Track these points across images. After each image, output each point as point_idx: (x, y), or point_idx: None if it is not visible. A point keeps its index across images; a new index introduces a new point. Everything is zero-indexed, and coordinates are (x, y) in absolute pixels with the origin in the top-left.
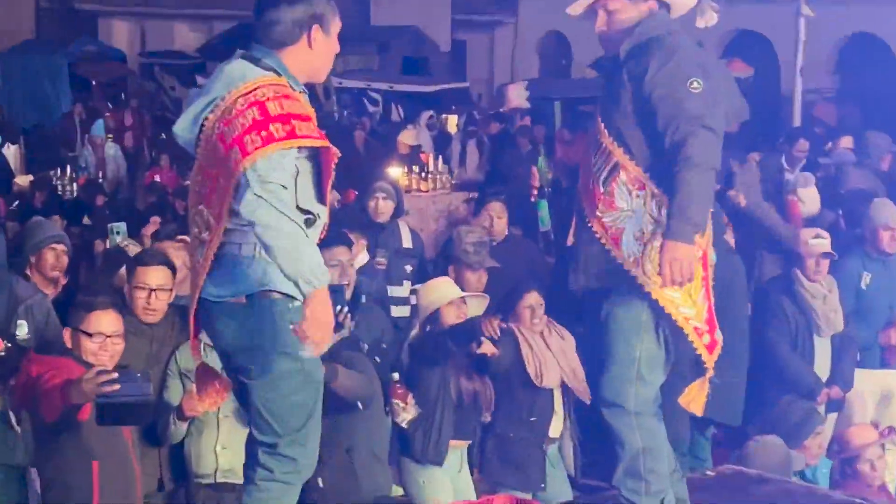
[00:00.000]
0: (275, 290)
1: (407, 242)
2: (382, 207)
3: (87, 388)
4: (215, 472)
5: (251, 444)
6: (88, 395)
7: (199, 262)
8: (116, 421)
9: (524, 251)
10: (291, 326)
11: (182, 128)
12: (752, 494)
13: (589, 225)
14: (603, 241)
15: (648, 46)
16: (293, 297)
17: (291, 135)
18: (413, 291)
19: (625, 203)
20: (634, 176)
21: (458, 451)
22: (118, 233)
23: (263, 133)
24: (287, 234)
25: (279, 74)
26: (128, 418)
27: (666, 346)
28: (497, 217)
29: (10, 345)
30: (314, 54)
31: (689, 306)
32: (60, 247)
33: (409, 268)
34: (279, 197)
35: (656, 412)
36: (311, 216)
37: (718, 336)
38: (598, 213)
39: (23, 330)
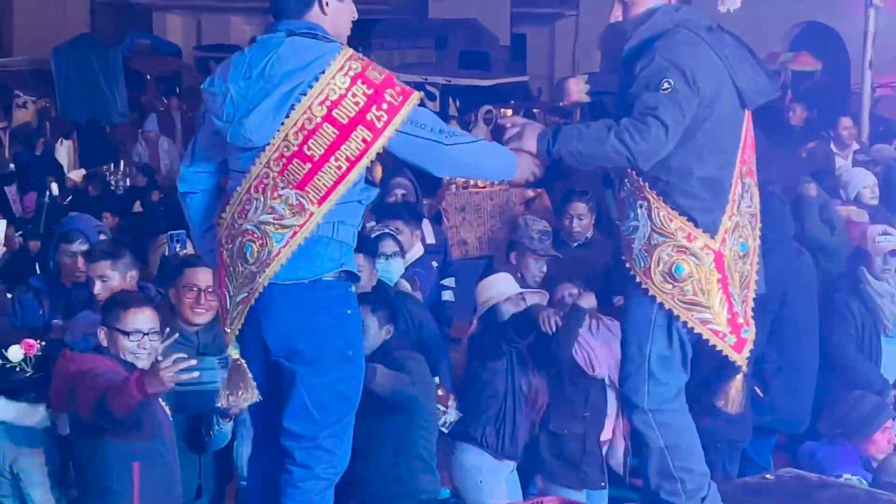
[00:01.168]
0: (347, 271)
1: (430, 238)
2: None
3: (165, 377)
4: None
5: (285, 447)
6: (167, 384)
7: (273, 248)
8: (195, 409)
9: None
10: (349, 312)
11: (259, 122)
12: (812, 499)
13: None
14: (623, 246)
15: (651, 44)
16: (353, 281)
17: (405, 91)
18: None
19: (632, 212)
20: (637, 185)
21: None
22: (178, 241)
23: (384, 106)
24: (483, 151)
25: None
26: (206, 406)
27: (682, 347)
28: (577, 217)
29: (43, 343)
30: (329, 20)
31: (705, 311)
32: (73, 246)
33: (434, 263)
34: (454, 131)
35: (678, 409)
36: (374, 188)
37: (747, 334)
38: (617, 221)
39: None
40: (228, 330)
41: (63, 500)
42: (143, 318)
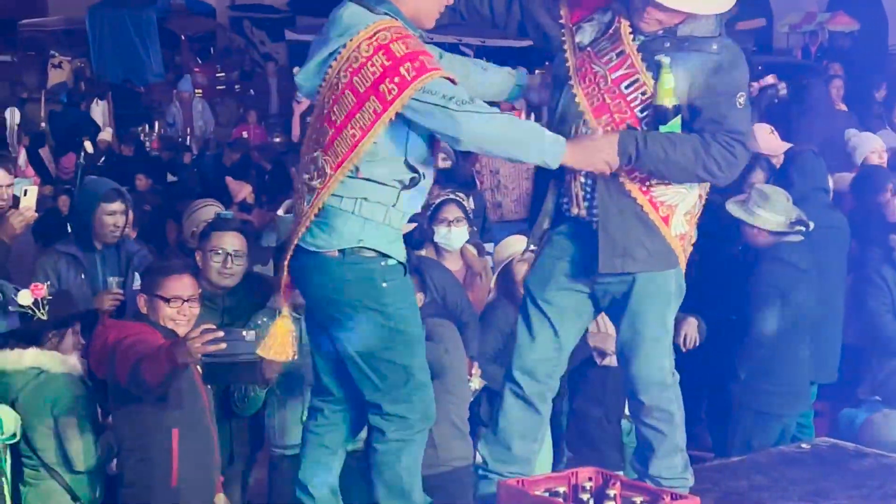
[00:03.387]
0: (368, 248)
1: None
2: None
3: (193, 348)
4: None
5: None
6: (195, 354)
7: (304, 210)
8: (224, 380)
9: None
10: (384, 285)
11: (304, 77)
12: (848, 469)
13: (629, 199)
14: (651, 217)
15: (692, 43)
16: (387, 255)
17: (422, 69)
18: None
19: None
20: None
21: None
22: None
23: (396, 79)
24: (508, 126)
25: (394, 18)
26: (235, 377)
27: None
28: None
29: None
30: (409, 2)
31: None
32: (114, 206)
33: (473, 228)
34: (474, 101)
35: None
36: (416, 175)
37: None
38: (646, 187)
39: (137, 282)
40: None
41: (101, 459)
42: (182, 285)
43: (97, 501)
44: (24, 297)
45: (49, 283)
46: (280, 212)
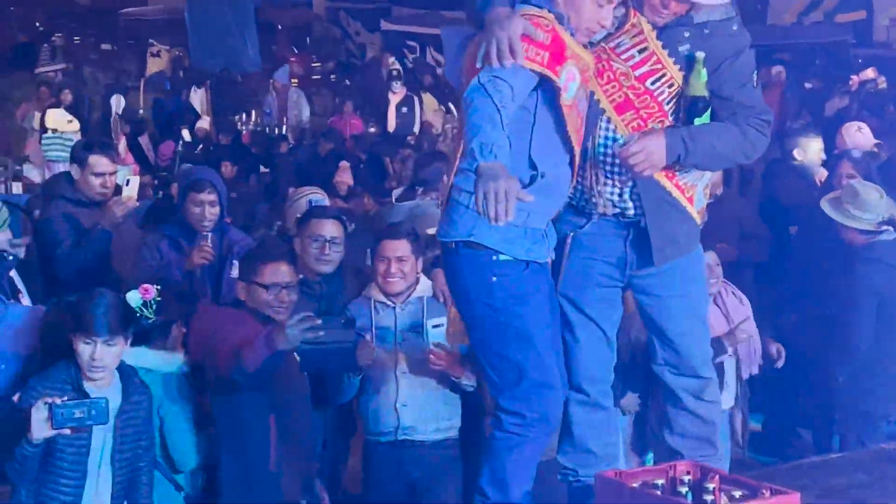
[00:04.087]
0: (479, 244)
1: None
2: None
3: (291, 335)
4: (396, 429)
5: None
6: (293, 341)
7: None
8: (320, 367)
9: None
10: (494, 279)
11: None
12: None
13: (661, 189)
14: (680, 201)
15: (712, 28)
16: (498, 252)
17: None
18: None
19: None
20: None
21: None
22: (323, 207)
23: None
24: (482, 112)
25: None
26: (331, 365)
27: None
28: None
29: (159, 288)
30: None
31: None
32: (202, 195)
33: None
34: (500, 91)
35: None
36: (535, 173)
37: None
38: (671, 173)
39: (236, 271)
40: None
41: (201, 448)
42: (281, 272)
43: (198, 489)
44: (133, 299)
45: (158, 287)
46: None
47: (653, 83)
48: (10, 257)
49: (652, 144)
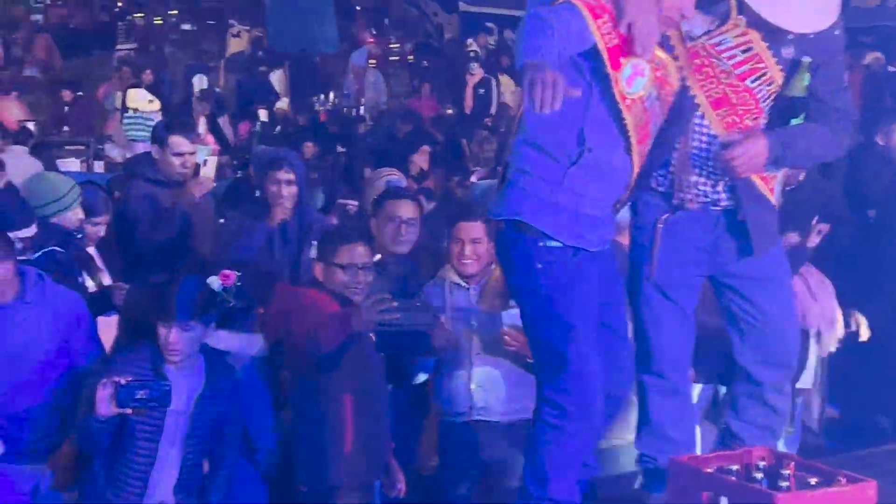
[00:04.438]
0: (526, 224)
1: None
2: None
3: (367, 317)
4: (470, 410)
5: None
6: (369, 322)
7: None
8: (395, 348)
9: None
10: (539, 266)
11: None
12: None
13: (750, 182)
14: (765, 193)
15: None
16: (545, 237)
17: None
18: None
19: None
20: None
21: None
22: (400, 187)
23: None
24: (534, 26)
25: None
26: (406, 346)
27: None
28: None
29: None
30: None
31: None
32: (280, 174)
33: None
34: (556, 18)
35: None
36: (582, 149)
37: None
38: None
39: (314, 252)
40: None
41: (278, 428)
42: (358, 253)
43: (274, 468)
44: (214, 284)
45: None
46: (473, 178)
47: (753, 81)
48: (80, 236)
49: (754, 148)
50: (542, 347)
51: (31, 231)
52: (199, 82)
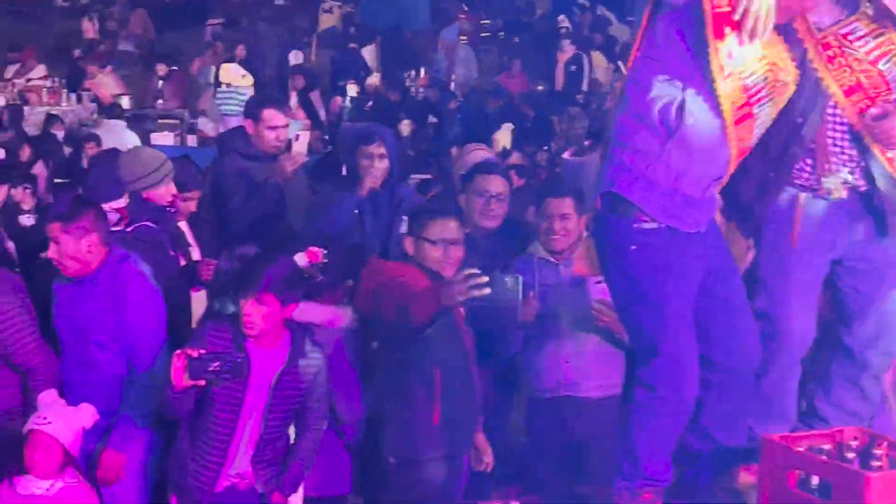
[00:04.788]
0: (620, 198)
1: None
2: None
3: (456, 291)
4: (558, 385)
5: None
6: (457, 298)
7: None
8: (484, 323)
9: None
10: (633, 248)
11: None
12: None
13: (884, 166)
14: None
15: None
16: (642, 215)
17: None
18: None
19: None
20: None
21: None
22: (489, 163)
23: None
24: None
25: None
26: (495, 321)
27: None
28: None
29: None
30: None
31: None
32: (371, 147)
33: None
34: None
35: None
36: (680, 122)
37: None
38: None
39: (404, 227)
40: None
41: (366, 400)
42: (448, 228)
43: (361, 440)
44: (300, 260)
45: (325, 252)
46: (565, 155)
47: (884, 64)
48: (173, 210)
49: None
50: (634, 328)
51: (121, 202)
52: (294, 57)
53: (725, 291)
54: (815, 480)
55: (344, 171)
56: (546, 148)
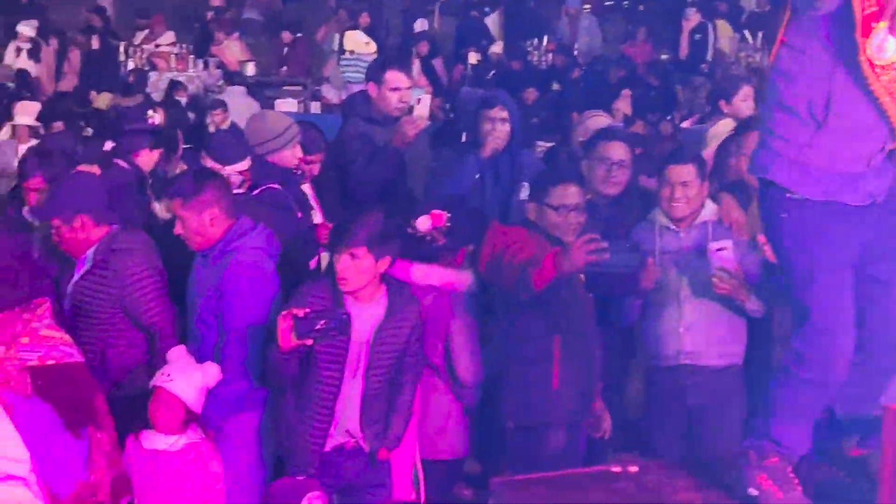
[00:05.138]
0: (771, 180)
1: None
2: None
3: (576, 257)
4: (678, 354)
5: None
6: (579, 263)
7: None
8: (604, 289)
9: None
10: (784, 216)
11: None
12: None
13: None
14: None
15: None
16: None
17: None
18: None
19: None
20: None
21: None
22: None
23: None
24: None
25: None
26: (615, 287)
27: None
28: None
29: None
30: None
31: None
32: (493, 112)
33: None
34: None
35: None
36: (828, 113)
37: None
38: None
39: (525, 192)
40: None
41: (484, 364)
42: (570, 193)
43: (478, 403)
44: (423, 224)
45: (448, 215)
46: (685, 124)
47: None
48: (300, 172)
49: None
50: (789, 295)
51: (244, 165)
52: (419, 25)
53: (881, 270)
54: None
55: (464, 139)
56: (669, 118)
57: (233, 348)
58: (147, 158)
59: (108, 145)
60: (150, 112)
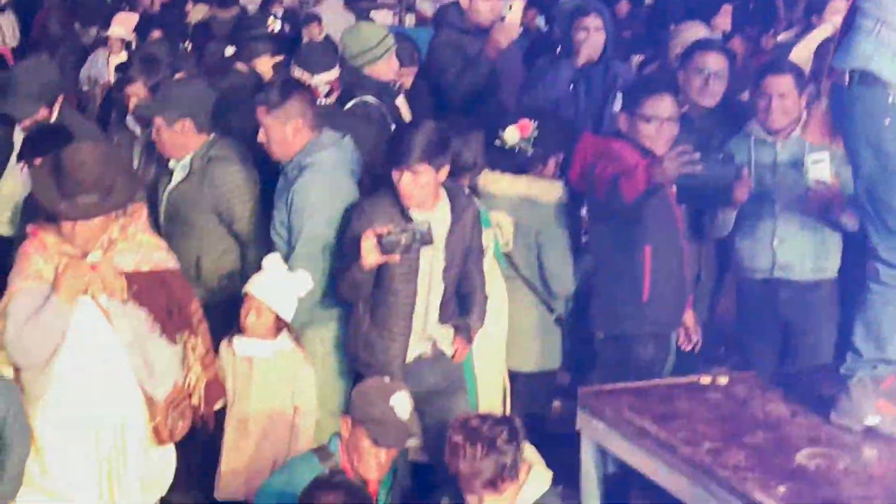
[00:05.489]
0: (875, 77)
1: None
2: None
3: (669, 169)
4: (772, 267)
5: None
6: (671, 174)
7: None
8: (697, 201)
9: None
10: (887, 121)
11: None
12: None
13: None
14: None
15: None
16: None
17: None
18: None
19: None
20: None
21: None
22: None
23: None
24: None
25: None
26: (707, 199)
27: None
28: None
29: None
30: None
31: None
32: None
33: None
34: None
35: None
36: None
37: None
38: None
39: (618, 104)
40: None
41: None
42: (663, 105)
43: (569, 313)
44: (511, 135)
45: (536, 123)
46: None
47: None
48: (396, 85)
49: None
50: (882, 207)
51: (333, 74)
52: None
53: None
54: None
55: (558, 51)
56: (771, 32)
57: (300, 262)
58: (266, 65)
59: (230, 50)
60: (272, 19)
